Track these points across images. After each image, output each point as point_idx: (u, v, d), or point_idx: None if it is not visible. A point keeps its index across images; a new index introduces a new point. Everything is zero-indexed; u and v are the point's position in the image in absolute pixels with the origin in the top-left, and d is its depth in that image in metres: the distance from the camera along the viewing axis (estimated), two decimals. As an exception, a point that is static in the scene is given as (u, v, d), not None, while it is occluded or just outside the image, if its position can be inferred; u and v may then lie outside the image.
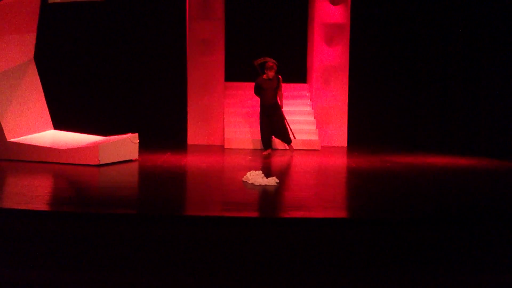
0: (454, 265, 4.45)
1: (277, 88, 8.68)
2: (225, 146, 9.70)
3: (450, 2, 9.76)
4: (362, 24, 10.61)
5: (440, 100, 10.22)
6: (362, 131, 10.72)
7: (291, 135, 8.91)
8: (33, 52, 7.97)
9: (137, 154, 7.85)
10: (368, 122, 10.89)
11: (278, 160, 8.23)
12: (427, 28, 10.38)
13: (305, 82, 10.82)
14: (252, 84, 10.44)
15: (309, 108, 10.28)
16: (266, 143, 8.80)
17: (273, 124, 8.76)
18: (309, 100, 10.40)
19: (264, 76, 8.67)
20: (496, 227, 4.64)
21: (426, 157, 8.80)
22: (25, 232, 4.52)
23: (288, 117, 9.16)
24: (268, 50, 9.66)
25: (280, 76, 8.67)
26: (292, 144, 8.88)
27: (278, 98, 8.79)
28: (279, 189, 5.94)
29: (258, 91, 8.77)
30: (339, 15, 10.17)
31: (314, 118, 10.13)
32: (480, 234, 4.60)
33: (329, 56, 10.25)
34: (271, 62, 8.61)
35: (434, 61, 10.29)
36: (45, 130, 8.11)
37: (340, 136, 10.26)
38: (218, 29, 10.07)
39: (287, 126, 8.91)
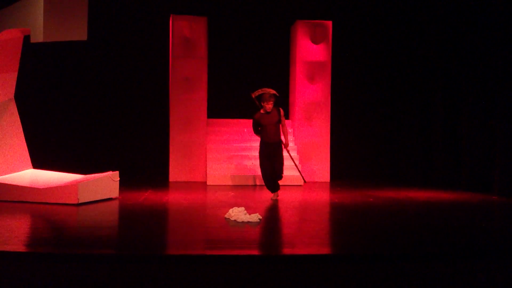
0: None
1: (279, 123, 7.63)
2: (208, 183, 9.65)
3: (430, 37, 10.00)
4: (343, 62, 10.83)
5: (422, 135, 10.36)
6: (344, 166, 10.80)
7: (302, 178, 8.54)
8: (14, 91, 7.94)
9: (118, 192, 7.76)
10: (350, 157, 10.98)
11: (260, 196, 8.18)
12: (408, 64, 10.61)
13: (287, 118, 10.90)
14: (235, 121, 10.52)
15: (291, 144, 10.33)
16: (272, 186, 7.75)
17: (273, 167, 7.66)
18: (292, 136, 10.46)
19: (262, 111, 7.63)
20: (482, 262, 4.63)
21: (409, 191, 8.84)
22: (2, 274, 4.39)
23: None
24: (251, 87, 9.77)
25: (281, 109, 7.69)
26: (276, 193, 7.78)
27: (281, 135, 7.75)
28: (262, 226, 5.89)
29: (256, 128, 7.68)
30: (321, 53, 10.37)
31: (297, 153, 10.17)
32: (465, 269, 4.58)
33: (311, 93, 10.39)
34: (268, 93, 7.58)
35: (415, 96, 10.48)
36: (24, 169, 7.99)
37: (322, 171, 10.31)
38: (200, 67, 10.18)
39: (297, 169, 8.36)
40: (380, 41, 10.98)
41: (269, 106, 7.54)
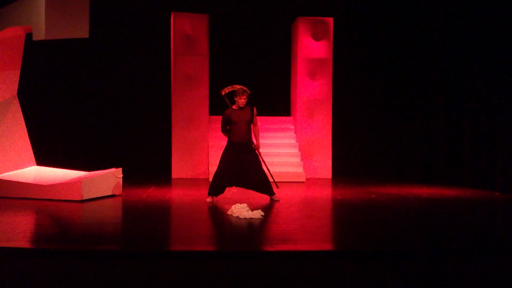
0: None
1: (251, 122, 7.01)
2: (210, 179, 9.66)
3: (432, 33, 9.99)
4: (344, 58, 10.83)
5: (424, 131, 10.36)
6: (346, 163, 10.81)
7: (273, 184, 7.26)
8: (17, 88, 7.96)
9: (121, 189, 7.79)
10: (352, 153, 11.00)
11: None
12: (409, 60, 10.60)
13: (289, 115, 10.92)
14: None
15: (293, 141, 10.35)
16: (216, 188, 7.11)
17: (245, 171, 6.98)
18: (294, 133, 10.48)
19: (234, 106, 7.00)
20: (484, 258, 4.65)
21: (411, 187, 8.85)
22: (6, 270, 4.42)
23: (273, 150, 9.11)
24: (252, 84, 9.78)
25: (255, 107, 7.08)
26: (275, 195, 7.22)
27: (253, 136, 7.13)
28: (264, 222, 5.91)
29: (225, 126, 7.00)
30: (322, 50, 10.37)
31: (298, 150, 10.19)
32: (468, 265, 4.60)
33: (312, 90, 10.40)
34: (242, 88, 6.99)
35: (416, 92, 10.47)
36: (28, 166, 8.03)
37: (324, 168, 10.32)
38: (202, 65, 10.19)
39: (269, 172, 7.23)
40: (381, 38, 10.97)
41: (242, 101, 6.87)
